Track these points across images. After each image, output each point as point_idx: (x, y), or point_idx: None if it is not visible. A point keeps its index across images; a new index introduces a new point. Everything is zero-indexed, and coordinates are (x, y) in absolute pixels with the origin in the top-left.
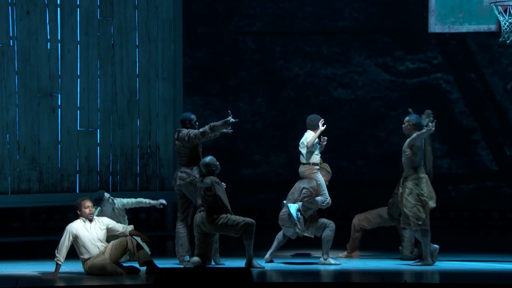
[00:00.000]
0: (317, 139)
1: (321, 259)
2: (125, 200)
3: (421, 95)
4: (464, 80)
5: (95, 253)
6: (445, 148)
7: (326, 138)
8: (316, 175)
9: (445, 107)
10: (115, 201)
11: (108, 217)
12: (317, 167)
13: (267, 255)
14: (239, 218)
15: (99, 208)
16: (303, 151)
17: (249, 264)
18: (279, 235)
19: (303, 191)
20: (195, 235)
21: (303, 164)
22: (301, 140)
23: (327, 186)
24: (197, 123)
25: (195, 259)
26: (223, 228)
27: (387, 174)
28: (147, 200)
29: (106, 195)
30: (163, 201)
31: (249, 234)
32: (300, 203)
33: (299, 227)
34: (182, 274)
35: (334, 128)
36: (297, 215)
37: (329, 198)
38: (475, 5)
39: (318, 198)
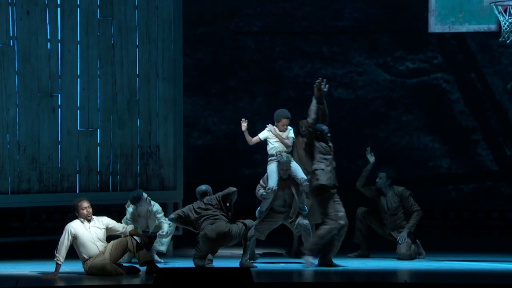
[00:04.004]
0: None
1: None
2: (160, 210)
3: (421, 95)
4: (464, 80)
5: (94, 252)
6: (445, 148)
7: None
8: (268, 166)
9: (445, 107)
10: (152, 203)
11: (141, 216)
12: (270, 158)
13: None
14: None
15: (133, 206)
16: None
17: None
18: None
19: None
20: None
21: None
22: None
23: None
24: (328, 135)
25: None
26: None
27: None
28: (165, 230)
29: (144, 195)
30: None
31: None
32: None
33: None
34: (182, 274)
35: (334, 128)
36: (258, 210)
37: (272, 186)
38: (475, 5)
39: (262, 189)
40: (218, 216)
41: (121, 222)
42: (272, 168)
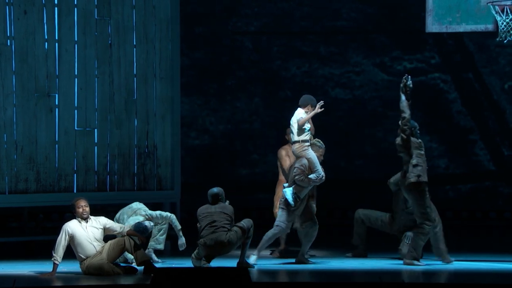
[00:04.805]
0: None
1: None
2: (158, 215)
3: (418, 95)
4: (462, 80)
5: (91, 252)
6: (442, 148)
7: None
8: (307, 152)
9: (443, 107)
10: (153, 217)
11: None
12: (308, 143)
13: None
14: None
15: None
16: (294, 129)
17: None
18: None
19: (294, 170)
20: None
21: (294, 142)
22: (292, 118)
23: (323, 162)
24: (418, 131)
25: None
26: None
27: (385, 173)
28: (176, 225)
29: (149, 226)
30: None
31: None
32: (293, 186)
33: (297, 212)
34: (179, 274)
35: (331, 128)
36: (293, 198)
37: (322, 173)
38: (472, 5)
39: (311, 175)
40: (220, 225)
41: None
42: (314, 154)
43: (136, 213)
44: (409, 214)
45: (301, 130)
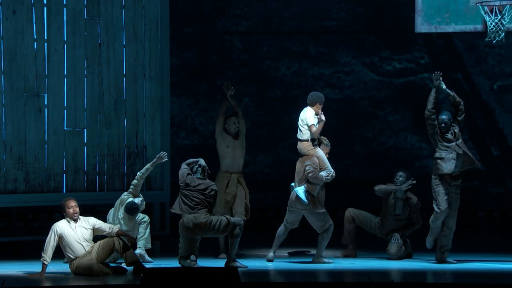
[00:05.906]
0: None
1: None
2: (134, 181)
3: (408, 95)
4: (451, 80)
5: (80, 252)
6: (431, 148)
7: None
8: (315, 150)
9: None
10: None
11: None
12: (316, 142)
13: (270, 254)
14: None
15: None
16: (302, 128)
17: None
18: (279, 232)
19: (307, 167)
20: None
21: (301, 140)
22: (300, 117)
23: (328, 159)
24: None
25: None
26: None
27: (374, 173)
28: (148, 165)
29: (138, 202)
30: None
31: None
32: (305, 185)
33: (311, 207)
34: (169, 274)
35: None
36: (306, 196)
37: (332, 170)
38: (461, 5)
39: (322, 173)
40: (200, 206)
41: (106, 220)
42: (322, 152)
43: (122, 202)
44: (398, 221)
45: (307, 130)
